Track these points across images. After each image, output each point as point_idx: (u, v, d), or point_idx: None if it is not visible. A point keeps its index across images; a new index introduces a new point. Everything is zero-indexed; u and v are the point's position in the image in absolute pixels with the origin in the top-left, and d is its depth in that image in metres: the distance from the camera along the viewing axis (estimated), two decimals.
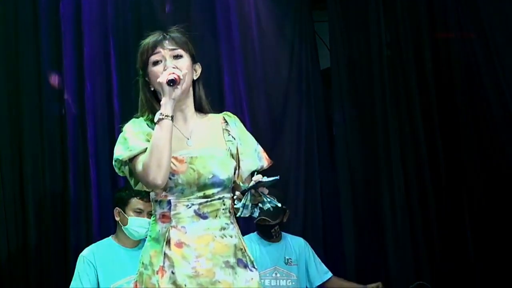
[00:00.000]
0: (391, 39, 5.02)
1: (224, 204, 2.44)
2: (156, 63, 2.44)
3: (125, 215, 3.67)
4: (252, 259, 2.48)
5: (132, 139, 2.41)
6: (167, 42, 2.47)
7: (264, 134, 4.70)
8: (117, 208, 3.72)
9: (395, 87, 4.95)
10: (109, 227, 4.03)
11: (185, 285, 2.32)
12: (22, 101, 4.23)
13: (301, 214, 4.79)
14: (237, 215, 2.45)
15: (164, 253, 2.35)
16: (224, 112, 2.62)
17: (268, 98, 4.88)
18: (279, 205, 2.46)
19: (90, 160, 4.28)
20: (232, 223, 2.46)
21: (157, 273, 2.33)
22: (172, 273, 2.33)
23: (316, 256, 4.31)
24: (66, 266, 4.01)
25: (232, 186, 2.50)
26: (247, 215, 2.43)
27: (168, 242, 2.36)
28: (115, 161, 2.45)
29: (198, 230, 2.38)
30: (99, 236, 4.08)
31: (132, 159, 2.39)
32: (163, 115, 2.35)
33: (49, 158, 4.23)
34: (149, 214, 3.66)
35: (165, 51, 2.45)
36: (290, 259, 4.21)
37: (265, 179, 2.38)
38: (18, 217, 4.12)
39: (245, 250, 2.47)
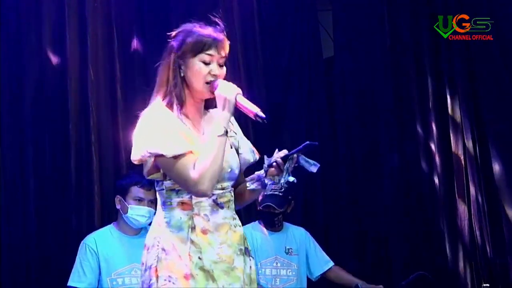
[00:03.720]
0: (394, 28, 5.01)
1: (232, 196, 2.51)
2: (204, 62, 2.43)
3: (126, 203, 3.66)
4: (249, 248, 2.56)
5: (173, 136, 2.36)
6: (222, 47, 2.46)
7: (264, 125, 4.69)
8: (118, 196, 3.71)
9: (397, 76, 4.95)
10: (110, 215, 4.04)
11: (212, 270, 2.38)
12: (24, 88, 4.23)
13: (301, 205, 4.80)
14: (281, 182, 2.47)
15: (190, 240, 2.38)
16: None
17: (268, 88, 4.87)
18: (318, 165, 2.52)
19: (92, 147, 4.28)
20: (236, 213, 2.55)
21: (183, 259, 2.36)
22: (199, 258, 2.37)
23: (317, 246, 4.31)
24: (67, 253, 4.02)
25: None
26: (290, 180, 2.48)
27: (193, 229, 2.39)
28: (147, 150, 2.37)
29: (218, 218, 2.44)
30: (101, 223, 4.09)
31: (171, 157, 2.35)
32: (226, 129, 2.37)
33: (51, 145, 4.23)
34: (150, 202, 3.67)
35: (217, 56, 2.45)
36: (291, 248, 4.21)
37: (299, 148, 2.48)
38: (19, 204, 4.12)
39: (245, 239, 2.55)
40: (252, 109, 2.41)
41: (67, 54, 4.31)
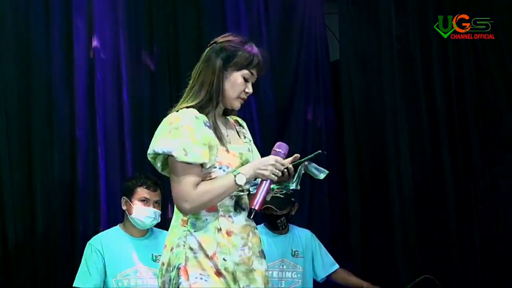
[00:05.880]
0: (401, 32, 5.01)
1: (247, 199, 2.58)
2: (245, 78, 2.52)
3: (131, 204, 3.67)
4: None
5: (192, 144, 2.40)
6: (262, 69, 2.56)
7: (270, 127, 4.71)
8: (123, 197, 3.72)
9: (404, 79, 4.95)
10: (117, 216, 4.05)
11: (235, 272, 2.44)
12: (31, 90, 4.25)
13: (307, 207, 4.80)
14: (292, 188, 2.58)
15: (217, 241, 2.43)
16: (233, 116, 2.67)
17: (276, 91, 4.88)
18: (326, 172, 2.57)
19: (99, 149, 4.30)
20: None
21: (211, 258, 2.41)
22: (224, 260, 2.42)
23: (323, 248, 4.30)
24: (74, 254, 4.04)
25: None
26: (299, 187, 2.59)
27: (219, 230, 2.44)
28: (163, 152, 2.41)
29: (241, 220, 2.50)
30: (107, 224, 4.11)
31: (180, 162, 2.40)
32: (243, 181, 2.42)
33: (58, 146, 4.25)
34: (156, 203, 3.69)
35: (254, 76, 2.55)
36: (297, 251, 4.21)
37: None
38: (26, 204, 4.14)
39: (261, 241, 2.62)
40: (258, 199, 2.45)
41: (74, 56, 4.33)
